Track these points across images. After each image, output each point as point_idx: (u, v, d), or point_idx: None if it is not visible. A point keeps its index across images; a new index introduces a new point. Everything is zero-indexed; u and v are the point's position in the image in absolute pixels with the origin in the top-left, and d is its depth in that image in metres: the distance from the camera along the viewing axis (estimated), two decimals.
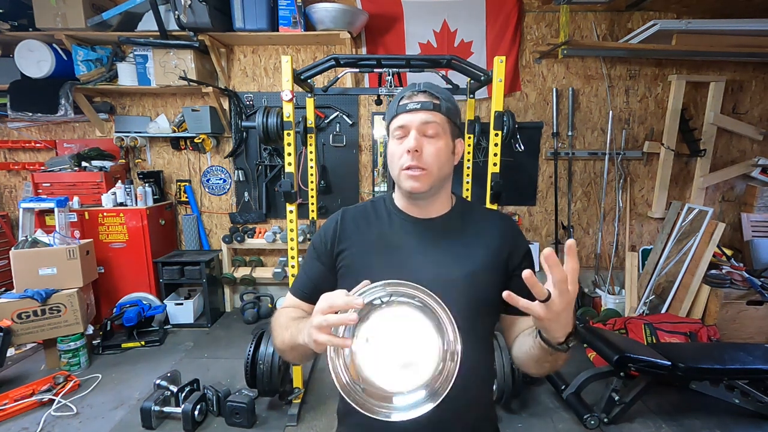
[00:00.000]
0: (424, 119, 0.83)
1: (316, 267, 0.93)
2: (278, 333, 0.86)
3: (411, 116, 0.84)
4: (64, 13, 2.91)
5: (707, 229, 2.96)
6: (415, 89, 0.87)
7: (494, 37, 3.21)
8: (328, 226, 0.95)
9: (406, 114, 0.84)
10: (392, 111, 0.88)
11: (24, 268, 2.56)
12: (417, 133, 0.83)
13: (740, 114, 3.32)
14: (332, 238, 0.92)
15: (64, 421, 2.13)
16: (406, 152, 0.82)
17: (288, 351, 0.83)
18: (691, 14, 3.15)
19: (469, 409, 0.87)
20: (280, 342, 0.85)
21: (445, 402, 0.72)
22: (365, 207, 0.97)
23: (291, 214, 2.03)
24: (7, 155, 3.56)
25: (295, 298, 0.95)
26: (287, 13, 2.98)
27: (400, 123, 0.85)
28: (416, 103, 0.84)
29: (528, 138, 3.32)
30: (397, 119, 0.86)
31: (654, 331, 2.59)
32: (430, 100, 0.84)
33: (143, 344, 2.93)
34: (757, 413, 2.15)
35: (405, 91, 0.88)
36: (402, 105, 0.86)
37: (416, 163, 0.82)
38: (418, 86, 0.87)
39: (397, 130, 0.86)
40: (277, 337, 0.87)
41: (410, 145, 0.82)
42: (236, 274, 3.50)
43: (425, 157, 0.83)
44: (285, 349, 0.84)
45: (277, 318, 0.90)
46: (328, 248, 0.92)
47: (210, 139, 3.38)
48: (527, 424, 2.17)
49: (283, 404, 2.26)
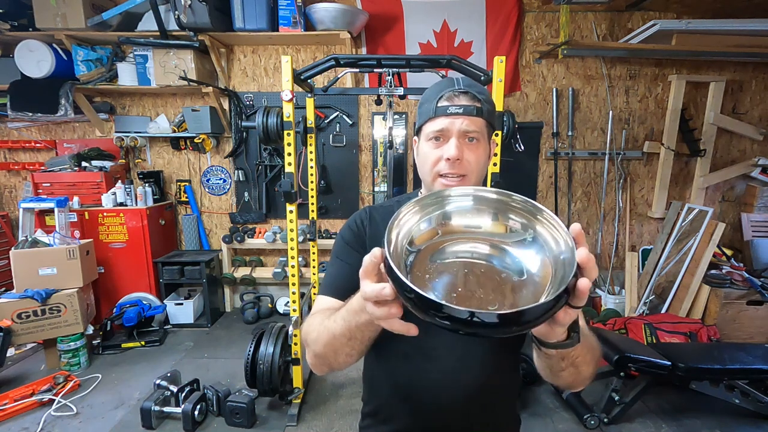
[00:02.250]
0: (466, 127, 0.77)
1: (354, 255, 0.83)
2: (321, 332, 0.69)
3: (451, 121, 0.77)
4: (64, 13, 2.91)
5: (707, 229, 2.96)
6: (455, 88, 0.78)
7: (494, 37, 3.21)
8: (358, 220, 0.89)
9: (445, 118, 0.77)
10: (428, 111, 0.79)
11: (24, 268, 2.56)
12: (457, 139, 0.77)
13: (740, 114, 3.32)
14: (364, 232, 0.86)
15: (64, 421, 2.13)
16: (444, 160, 0.77)
17: (343, 345, 0.65)
18: (691, 14, 3.15)
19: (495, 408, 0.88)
20: (330, 337, 0.66)
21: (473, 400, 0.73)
22: (391, 207, 0.91)
23: (291, 214, 2.03)
24: (7, 155, 3.56)
25: (334, 299, 0.79)
26: (287, 13, 2.98)
27: (439, 127, 0.78)
28: (458, 107, 0.76)
29: (528, 138, 3.31)
30: (434, 122, 0.78)
31: (654, 331, 2.59)
32: (472, 104, 0.77)
33: (143, 344, 2.92)
34: (757, 413, 2.15)
35: (443, 88, 0.79)
36: (441, 107, 0.77)
37: (456, 171, 0.77)
38: (458, 84, 0.79)
39: (434, 133, 0.79)
40: (320, 336, 0.69)
41: (451, 153, 0.76)
42: (236, 274, 3.50)
43: (464, 165, 0.78)
44: (339, 344, 0.66)
45: (311, 324, 0.74)
46: (364, 240, 0.85)
47: (210, 139, 3.38)
48: (527, 424, 2.17)
49: (283, 404, 2.26)
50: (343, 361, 0.69)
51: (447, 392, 0.82)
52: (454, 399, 0.82)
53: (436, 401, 0.83)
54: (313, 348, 0.71)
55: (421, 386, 0.83)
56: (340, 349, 0.66)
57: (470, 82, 0.81)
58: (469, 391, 0.82)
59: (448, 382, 0.82)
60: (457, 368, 0.82)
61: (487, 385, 0.83)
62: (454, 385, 0.82)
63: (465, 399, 0.82)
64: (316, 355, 0.71)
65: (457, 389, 0.82)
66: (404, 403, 0.86)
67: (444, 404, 0.83)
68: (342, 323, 0.63)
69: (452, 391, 0.82)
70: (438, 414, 0.83)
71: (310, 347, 0.72)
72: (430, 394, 0.83)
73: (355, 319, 0.60)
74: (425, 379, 0.82)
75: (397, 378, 0.86)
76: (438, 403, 0.83)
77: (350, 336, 0.63)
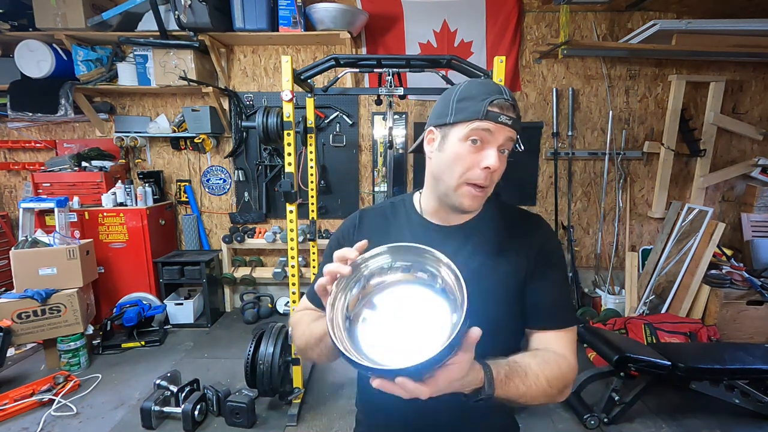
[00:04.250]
0: (509, 138, 0.76)
1: None
2: (303, 330, 0.83)
3: (498, 129, 0.74)
4: (64, 13, 2.91)
5: (707, 229, 2.96)
6: (506, 98, 0.75)
7: (494, 37, 3.21)
8: (347, 225, 0.91)
9: (493, 124, 0.74)
10: (475, 111, 0.74)
11: (24, 268, 2.56)
12: (497, 150, 0.76)
13: (740, 114, 3.32)
14: (352, 236, 0.88)
15: (64, 421, 2.13)
16: (482, 168, 0.75)
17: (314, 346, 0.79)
18: (691, 14, 3.15)
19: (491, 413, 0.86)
20: (309, 336, 0.80)
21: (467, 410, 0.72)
22: (384, 209, 0.92)
23: (291, 214, 2.03)
24: (7, 155, 3.56)
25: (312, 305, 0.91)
26: (287, 13, 2.98)
27: (485, 128, 0.74)
28: (508, 118, 0.74)
29: (528, 138, 3.32)
30: (481, 123, 0.74)
31: (654, 331, 2.59)
32: (516, 117, 0.76)
33: (143, 344, 2.92)
34: (757, 413, 2.15)
35: (491, 92, 0.75)
36: (493, 112, 0.73)
37: (488, 182, 0.76)
38: (508, 95, 0.75)
39: (475, 134, 0.75)
40: (302, 335, 0.83)
41: (491, 163, 0.74)
42: (236, 274, 3.50)
43: (494, 177, 0.77)
44: (313, 343, 0.79)
45: (300, 318, 0.87)
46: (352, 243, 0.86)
47: (210, 139, 3.38)
48: (527, 424, 2.17)
49: (283, 404, 2.26)
50: (320, 357, 0.81)
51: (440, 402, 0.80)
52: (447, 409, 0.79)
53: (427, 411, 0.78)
54: (297, 342, 0.87)
55: None
56: (314, 348, 0.79)
57: (514, 96, 0.83)
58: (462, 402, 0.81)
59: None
60: None
61: None
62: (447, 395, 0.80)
63: (459, 409, 0.80)
64: (298, 348, 0.87)
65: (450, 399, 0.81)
66: (394, 412, 0.84)
67: (437, 413, 0.80)
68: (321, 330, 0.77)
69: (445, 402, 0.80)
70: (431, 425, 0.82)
71: (294, 341, 0.88)
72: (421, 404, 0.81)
73: None
74: None
75: None
76: (430, 413, 0.80)
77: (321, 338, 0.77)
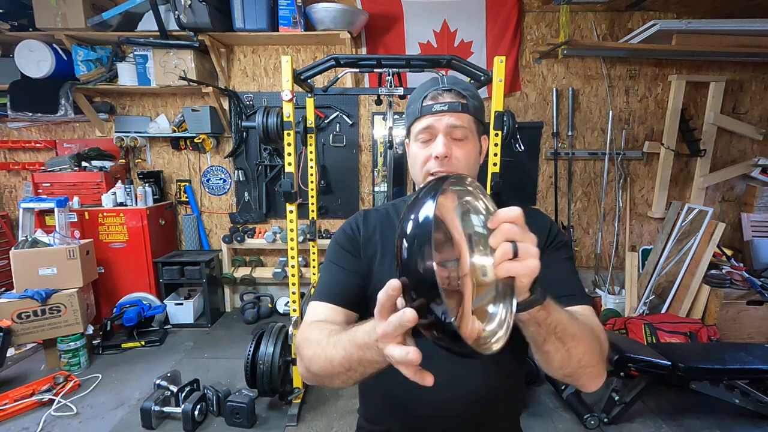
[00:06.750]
0: (451, 123, 0.77)
1: (349, 260, 0.83)
2: (317, 353, 0.64)
3: (437, 119, 0.77)
4: (64, 13, 2.91)
5: (707, 229, 2.96)
6: (438, 87, 0.78)
7: (494, 37, 3.21)
8: (353, 224, 0.88)
9: (431, 116, 0.77)
10: (414, 111, 0.80)
11: (24, 268, 2.56)
12: (444, 137, 0.76)
13: (740, 114, 3.32)
14: (358, 235, 0.86)
15: (64, 421, 2.13)
16: (433, 158, 0.76)
17: (340, 374, 0.61)
18: (691, 14, 3.15)
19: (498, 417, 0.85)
20: (326, 363, 0.62)
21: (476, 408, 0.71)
22: (386, 210, 0.90)
23: (291, 214, 2.03)
24: (7, 155, 3.56)
25: (330, 305, 0.77)
26: (287, 13, 2.98)
27: (425, 126, 0.78)
28: (443, 104, 0.76)
29: (528, 138, 3.32)
30: (420, 121, 0.79)
31: (654, 331, 2.59)
32: (457, 100, 0.77)
33: (143, 344, 2.92)
34: (757, 413, 2.15)
35: (427, 88, 0.80)
36: (426, 106, 0.78)
37: (445, 169, 0.76)
38: (443, 82, 0.79)
39: (421, 133, 0.79)
40: (316, 358, 0.64)
41: (439, 151, 0.75)
42: (236, 274, 3.50)
43: (453, 162, 0.77)
44: (336, 372, 0.61)
45: (307, 338, 0.68)
46: (358, 244, 0.84)
47: (210, 139, 3.38)
48: (527, 424, 2.17)
49: (283, 404, 2.26)
50: (338, 386, 0.65)
51: (444, 405, 0.79)
52: (451, 412, 0.79)
53: (432, 414, 0.79)
54: (307, 365, 0.66)
55: (416, 399, 0.80)
56: (337, 377, 0.62)
57: (455, 80, 0.80)
58: (470, 400, 0.79)
59: (447, 394, 0.78)
60: (458, 376, 0.79)
61: (489, 397, 0.80)
62: (452, 397, 0.79)
63: (463, 412, 0.79)
64: (310, 372, 0.67)
65: (456, 402, 0.79)
66: (399, 416, 0.83)
67: (441, 417, 0.79)
68: (342, 353, 0.58)
69: (450, 404, 0.79)
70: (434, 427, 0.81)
71: (303, 362, 0.67)
72: (425, 407, 0.79)
73: (358, 354, 0.56)
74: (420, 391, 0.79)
75: (392, 390, 0.82)
76: (435, 416, 0.80)
77: (349, 368, 0.58)
